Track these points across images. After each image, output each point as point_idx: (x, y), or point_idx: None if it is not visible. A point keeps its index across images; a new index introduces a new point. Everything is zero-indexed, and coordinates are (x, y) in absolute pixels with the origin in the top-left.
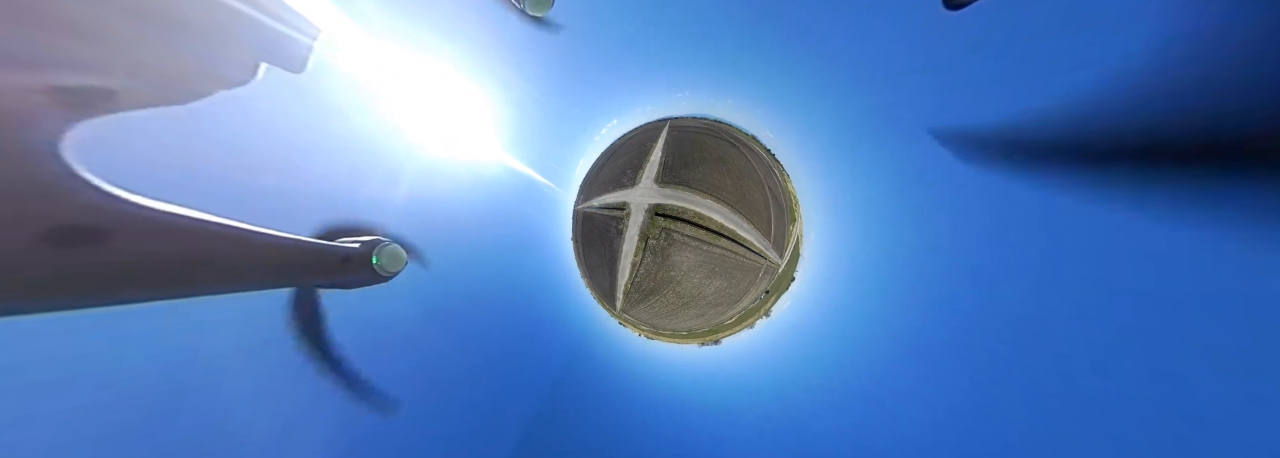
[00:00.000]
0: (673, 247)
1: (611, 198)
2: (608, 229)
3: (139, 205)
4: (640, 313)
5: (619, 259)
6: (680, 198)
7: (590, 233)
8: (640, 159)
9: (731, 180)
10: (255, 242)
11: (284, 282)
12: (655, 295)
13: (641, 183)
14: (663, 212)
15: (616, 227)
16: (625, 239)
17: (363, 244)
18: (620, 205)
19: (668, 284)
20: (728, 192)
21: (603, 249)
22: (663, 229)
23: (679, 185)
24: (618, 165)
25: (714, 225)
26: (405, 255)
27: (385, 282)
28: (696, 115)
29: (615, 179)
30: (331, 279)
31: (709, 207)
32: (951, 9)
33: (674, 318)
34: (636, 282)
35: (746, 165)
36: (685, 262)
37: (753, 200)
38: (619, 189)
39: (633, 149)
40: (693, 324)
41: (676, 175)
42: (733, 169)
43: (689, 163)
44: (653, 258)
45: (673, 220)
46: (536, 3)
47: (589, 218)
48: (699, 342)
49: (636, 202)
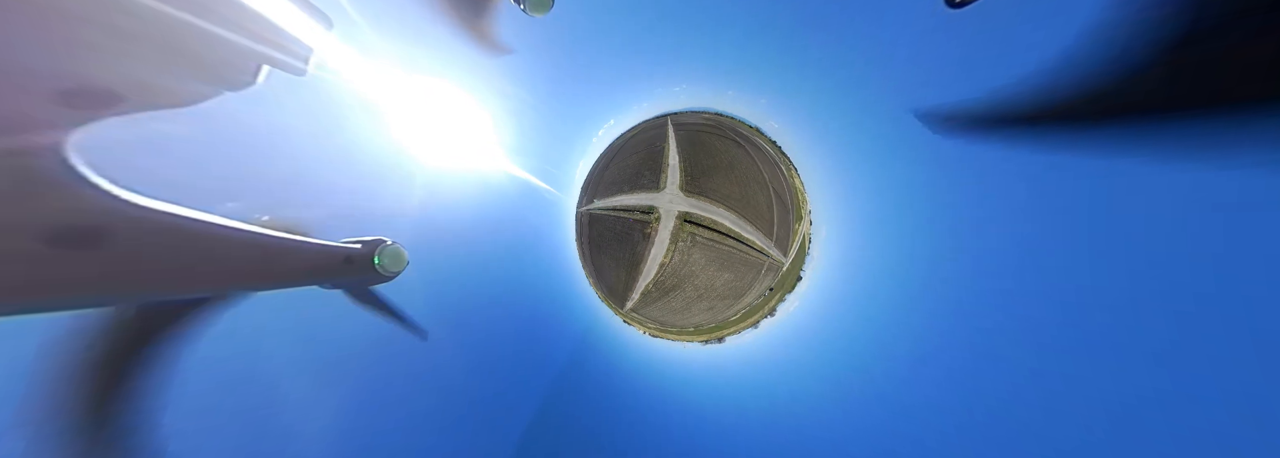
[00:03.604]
0: (695, 247)
1: (632, 200)
2: (629, 232)
3: (140, 206)
4: (652, 311)
5: (644, 261)
6: (702, 207)
7: (602, 235)
8: (655, 162)
9: (739, 188)
10: (257, 242)
11: (286, 282)
12: (675, 291)
13: (667, 189)
14: (690, 219)
15: (643, 230)
16: (655, 243)
17: (365, 244)
18: (648, 209)
19: (688, 279)
20: (736, 200)
21: (620, 251)
22: (690, 234)
23: (701, 195)
24: (625, 166)
25: (723, 228)
26: (406, 256)
27: (387, 281)
28: (697, 109)
29: (630, 180)
30: (334, 279)
31: (720, 214)
32: (953, 7)
33: (686, 313)
34: (660, 281)
35: (752, 168)
36: (702, 258)
37: (757, 203)
38: (640, 192)
39: (639, 149)
40: (702, 318)
41: (698, 185)
42: (740, 175)
43: (706, 171)
44: (680, 258)
45: (696, 226)
46: (536, 3)
47: (598, 220)
48: (703, 339)
49: (667, 208)
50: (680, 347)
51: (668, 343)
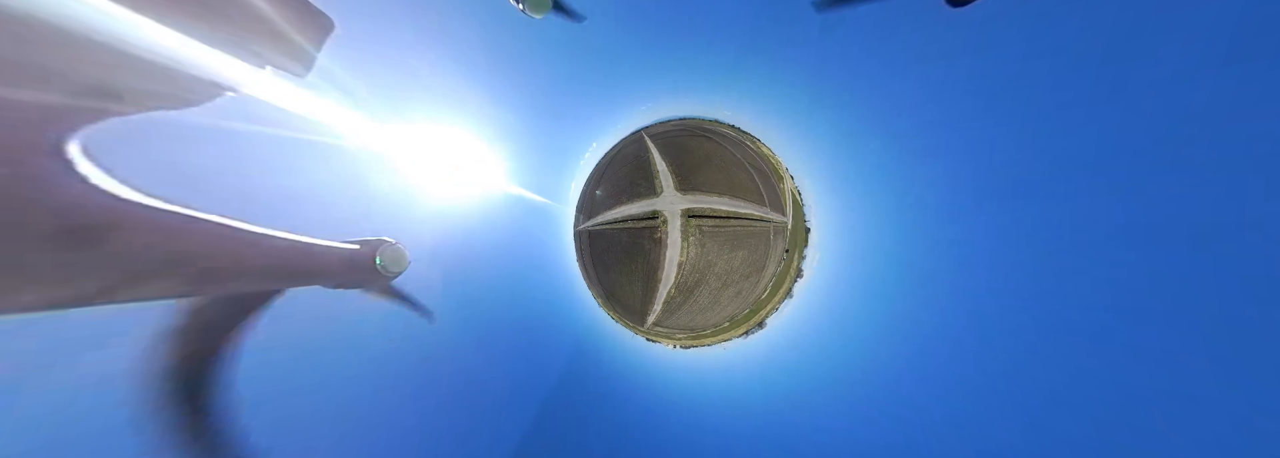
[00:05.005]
0: (706, 238)
1: (634, 209)
2: (637, 242)
3: (143, 205)
4: (680, 318)
5: (661, 267)
6: (700, 200)
7: (607, 252)
8: (645, 170)
9: (723, 174)
10: (259, 242)
11: (288, 282)
12: (699, 288)
13: (665, 192)
14: (693, 214)
15: (652, 236)
16: (669, 245)
17: (364, 244)
18: (652, 214)
19: (708, 271)
20: (724, 184)
21: (632, 264)
22: (697, 227)
23: (695, 190)
24: (618, 180)
25: (723, 212)
26: (407, 256)
27: (389, 281)
28: (663, 119)
29: (627, 190)
30: (335, 280)
31: (716, 201)
32: (954, 6)
33: (715, 307)
34: (681, 282)
35: (725, 153)
36: (715, 246)
37: (741, 181)
38: (640, 200)
39: (627, 162)
40: (734, 307)
41: (690, 181)
42: (719, 163)
43: (692, 168)
44: (696, 252)
45: (699, 218)
46: (536, 4)
47: (600, 237)
48: (743, 331)
49: (670, 209)
50: (719, 350)
51: (702, 351)
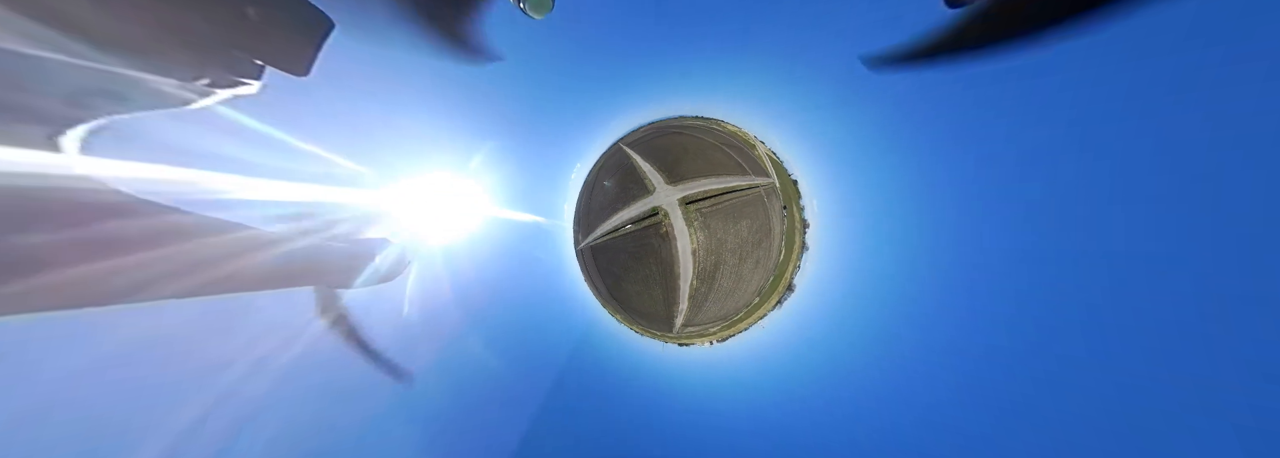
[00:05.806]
0: (708, 218)
1: (633, 211)
2: (645, 241)
3: (151, 205)
4: (708, 311)
5: (676, 261)
6: (691, 186)
7: (615, 262)
8: (633, 174)
9: (702, 160)
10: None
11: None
12: (719, 269)
13: (659, 189)
14: (688, 199)
15: (659, 232)
16: (677, 236)
17: None
18: (652, 211)
19: (721, 249)
20: (705, 167)
21: (644, 268)
22: (696, 211)
23: (684, 180)
24: (609, 189)
25: (714, 192)
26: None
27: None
28: (634, 128)
29: (621, 196)
30: None
31: (705, 184)
32: (952, 7)
33: (741, 285)
34: (700, 271)
35: (697, 141)
36: (719, 223)
37: (720, 160)
38: (636, 202)
39: (613, 171)
40: (759, 279)
41: (676, 173)
42: (695, 151)
43: (674, 162)
44: (705, 235)
45: (696, 202)
46: (537, 5)
47: (604, 249)
48: (776, 301)
49: (667, 202)
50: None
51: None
